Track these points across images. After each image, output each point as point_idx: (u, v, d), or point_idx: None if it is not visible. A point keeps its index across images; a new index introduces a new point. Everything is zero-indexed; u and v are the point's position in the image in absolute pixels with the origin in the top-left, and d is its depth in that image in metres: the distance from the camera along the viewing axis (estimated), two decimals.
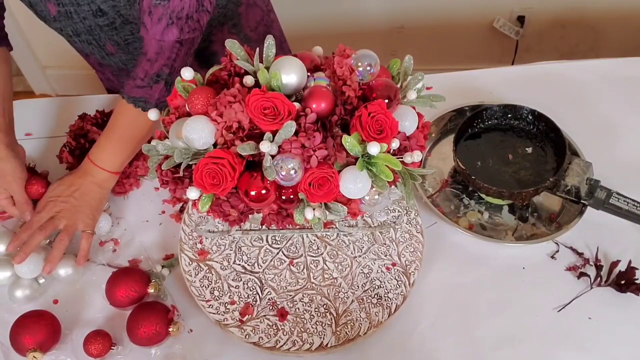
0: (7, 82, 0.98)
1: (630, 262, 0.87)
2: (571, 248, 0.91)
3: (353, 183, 0.64)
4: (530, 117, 1.01)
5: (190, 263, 0.89)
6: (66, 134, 1.03)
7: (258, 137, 0.64)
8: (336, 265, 0.88)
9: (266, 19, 1.19)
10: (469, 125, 1.01)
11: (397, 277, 0.86)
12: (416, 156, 0.66)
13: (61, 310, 0.86)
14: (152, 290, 0.86)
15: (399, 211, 0.93)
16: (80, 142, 0.99)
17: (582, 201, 0.92)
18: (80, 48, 1.07)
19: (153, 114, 0.72)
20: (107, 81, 1.24)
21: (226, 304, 0.84)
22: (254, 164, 0.66)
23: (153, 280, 0.87)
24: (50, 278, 0.89)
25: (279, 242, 0.91)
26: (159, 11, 0.82)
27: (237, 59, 0.69)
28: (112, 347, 0.82)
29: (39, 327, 0.81)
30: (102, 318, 0.86)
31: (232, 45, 0.69)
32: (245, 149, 0.63)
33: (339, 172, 0.65)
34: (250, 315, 0.83)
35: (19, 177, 0.93)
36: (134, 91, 0.88)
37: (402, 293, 0.85)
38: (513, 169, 0.97)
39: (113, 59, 1.08)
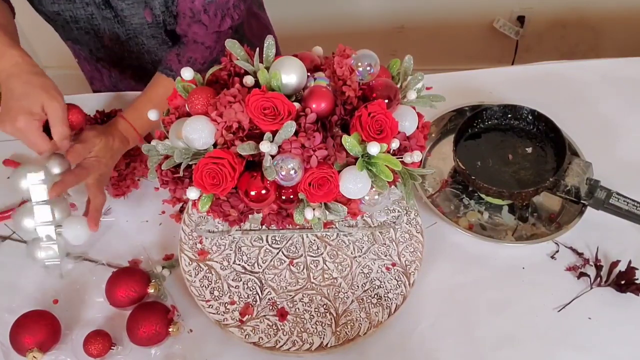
0: (12, 23, 0.98)
1: (630, 262, 0.87)
2: (571, 248, 0.91)
3: (353, 183, 0.64)
4: (530, 117, 1.01)
5: (190, 263, 0.89)
6: None
7: (258, 137, 0.64)
8: (336, 265, 0.88)
9: (266, 32, 1.23)
10: (469, 125, 1.01)
11: (397, 277, 0.86)
12: (416, 156, 0.66)
13: (61, 310, 0.86)
14: (152, 291, 0.86)
15: (399, 211, 0.93)
16: None
17: (582, 201, 0.92)
18: (74, 37, 1.06)
19: (153, 114, 0.72)
20: (91, 77, 1.24)
21: (226, 304, 0.84)
22: (254, 164, 0.66)
23: (153, 281, 0.87)
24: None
25: (279, 242, 0.91)
26: (213, 7, 0.95)
27: (237, 59, 0.69)
28: (112, 347, 0.82)
29: (39, 327, 0.81)
30: (102, 318, 0.86)
31: (232, 45, 0.69)
32: (245, 149, 0.63)
33: (339, 172, 0.65)
34: (250, 315, 0.83)
35: (62, 94, 0.80)
36: None
37: (402, 293, 0.85)
38: (513, 169, 0.97)
39: (107, 52, 1.07)
